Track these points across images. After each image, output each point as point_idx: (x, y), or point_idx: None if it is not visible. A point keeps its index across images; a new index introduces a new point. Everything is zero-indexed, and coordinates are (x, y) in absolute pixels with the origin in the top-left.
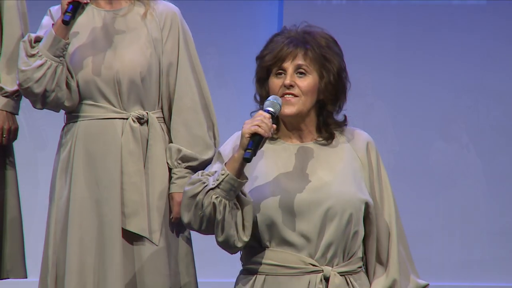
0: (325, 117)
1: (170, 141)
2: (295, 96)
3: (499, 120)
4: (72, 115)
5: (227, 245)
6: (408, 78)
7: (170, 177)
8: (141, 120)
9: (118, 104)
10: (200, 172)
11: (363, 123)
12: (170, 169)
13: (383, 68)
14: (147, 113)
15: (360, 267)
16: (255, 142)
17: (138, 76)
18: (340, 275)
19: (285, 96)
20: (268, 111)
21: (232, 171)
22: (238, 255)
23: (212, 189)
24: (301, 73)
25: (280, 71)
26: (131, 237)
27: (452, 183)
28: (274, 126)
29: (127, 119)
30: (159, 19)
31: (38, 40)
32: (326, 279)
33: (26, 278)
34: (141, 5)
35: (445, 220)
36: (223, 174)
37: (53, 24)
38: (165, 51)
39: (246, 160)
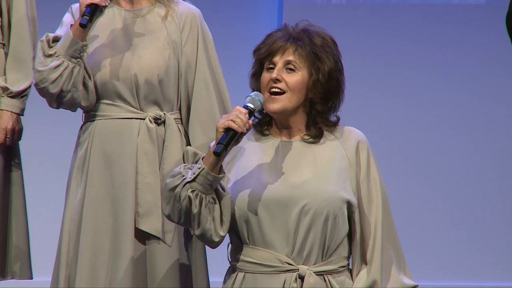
0: (314, 116)
1: (187, 143)
2: (281, 90)
3: (499, 120)
4: (90, 114)
5: (204, 239)
6: (407, 78)
7: None
8: (158, 121)
9: (135, 105)
10: (182, 165)
11: (362, 122)
12: None
13: (383, 67)
14: (164, 113)
15: (344, 267)
16: (228, 136)
17: (155, 78)
18: (318, 274)
19: (271, 90)
20: (246, 107)
21: (207, 165)
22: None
23: (189, 182)
24: (290, 69)
25: (271, 65)
26: (145, 237)
27: (452, 182)
28: (250, 122)
29: (144, 119)
30: (178, 21)
31: (56, 40)
32: (302, 278)
33: (32, 279)
34: (162, 5)
35: (444, 220)
36: (199, 168)
37: (71, 25)
38: (184, 52)
39: (216, 154)
